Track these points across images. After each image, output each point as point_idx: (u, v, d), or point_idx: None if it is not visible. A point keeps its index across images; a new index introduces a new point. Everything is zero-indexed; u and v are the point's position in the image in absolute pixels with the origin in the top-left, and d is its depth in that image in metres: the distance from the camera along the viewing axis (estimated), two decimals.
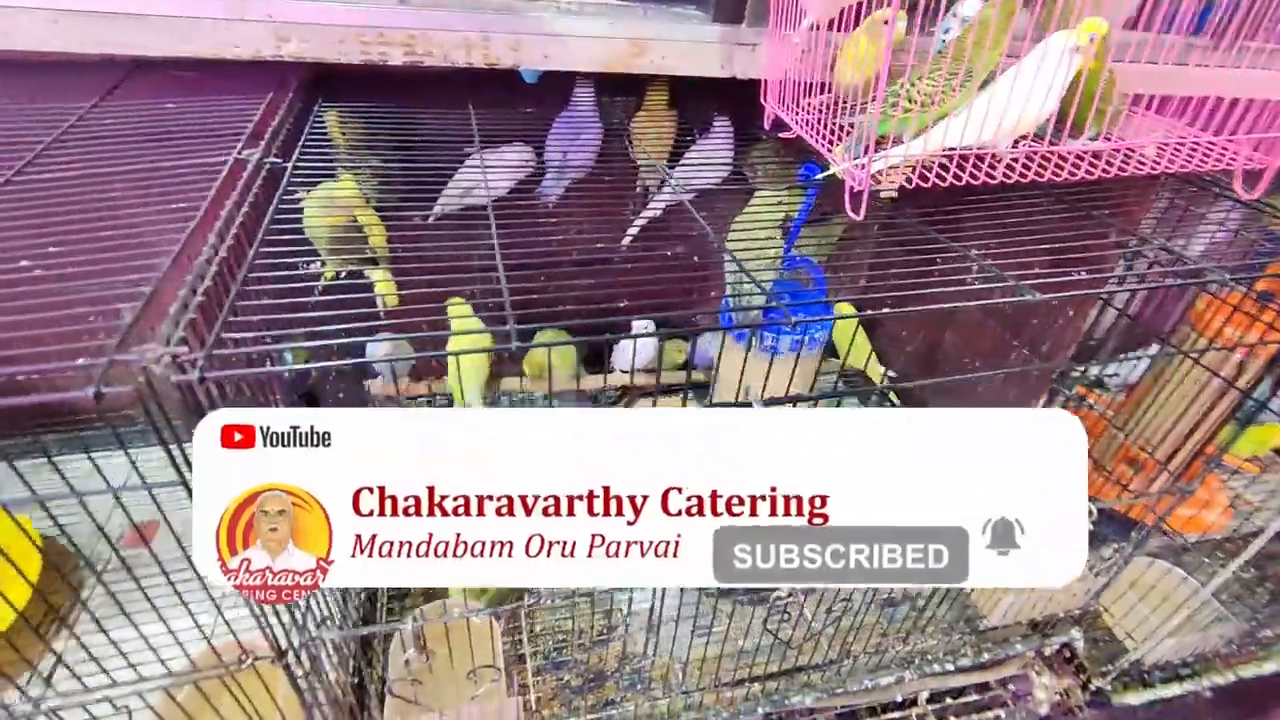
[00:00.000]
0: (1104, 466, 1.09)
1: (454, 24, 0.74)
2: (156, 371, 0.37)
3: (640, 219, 1.11)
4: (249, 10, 0.70)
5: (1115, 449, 1.11)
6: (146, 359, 0.37)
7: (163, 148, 0.65)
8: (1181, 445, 1.04)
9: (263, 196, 0.61)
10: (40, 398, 0.38)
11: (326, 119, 0.87)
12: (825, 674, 0.85)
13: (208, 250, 0.47)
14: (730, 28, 0.80)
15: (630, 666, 0.88)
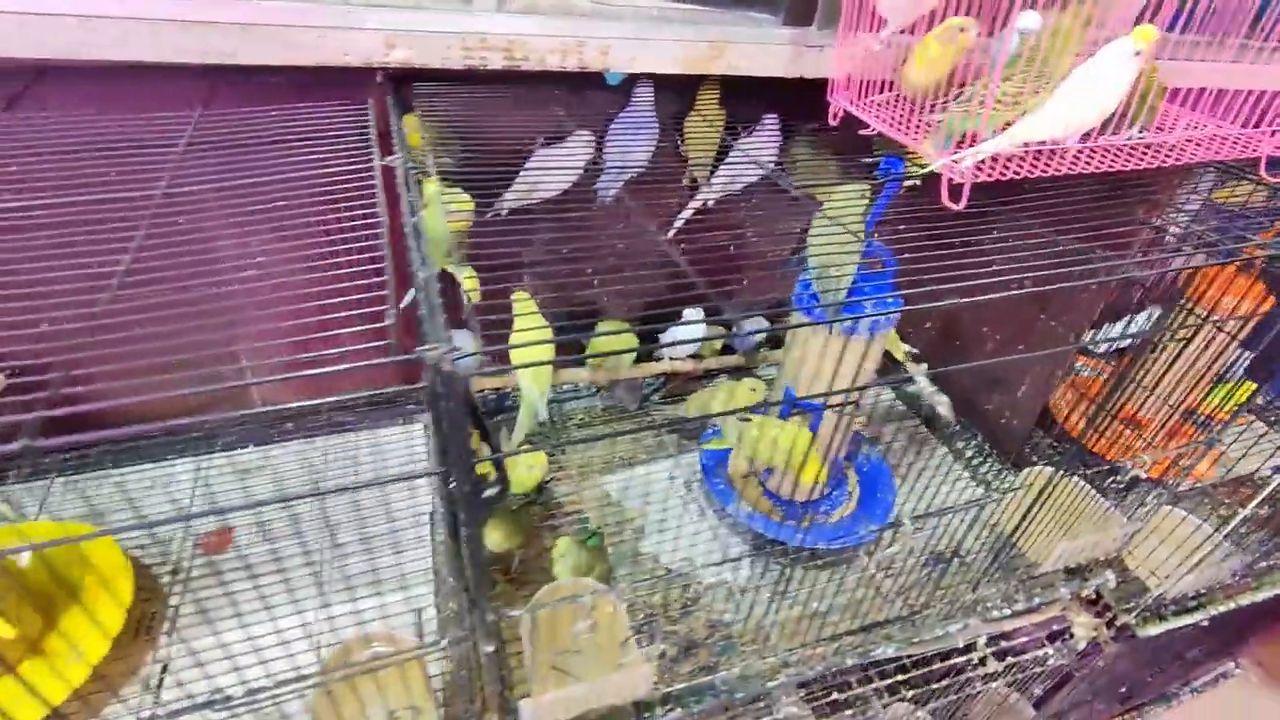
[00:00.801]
0: (1098, 427, 1.20)
1: (552, 30, 0.78)
2: (444, 368, 0.41)
3: (686, 210, 1.16)
4: (364, 20, 0.72)
5: (1111, 410, 1.22)
6: (434, 356, 0.40)
7: (295, 154, 0.66)
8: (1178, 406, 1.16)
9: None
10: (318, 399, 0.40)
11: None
12: (902, 626, 0.92)
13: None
14: (800, 30, 0.86)
15: (719, 634, 0.94)
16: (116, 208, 0.58)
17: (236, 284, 0.47)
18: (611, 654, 0.71)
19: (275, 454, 1.14)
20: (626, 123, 1.02)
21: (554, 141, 1.03)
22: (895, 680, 1.05)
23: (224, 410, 1.06)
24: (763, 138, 1.08)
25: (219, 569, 0.98)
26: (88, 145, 0.66)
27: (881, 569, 1.00)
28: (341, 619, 0.88)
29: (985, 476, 1.21)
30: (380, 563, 0.98)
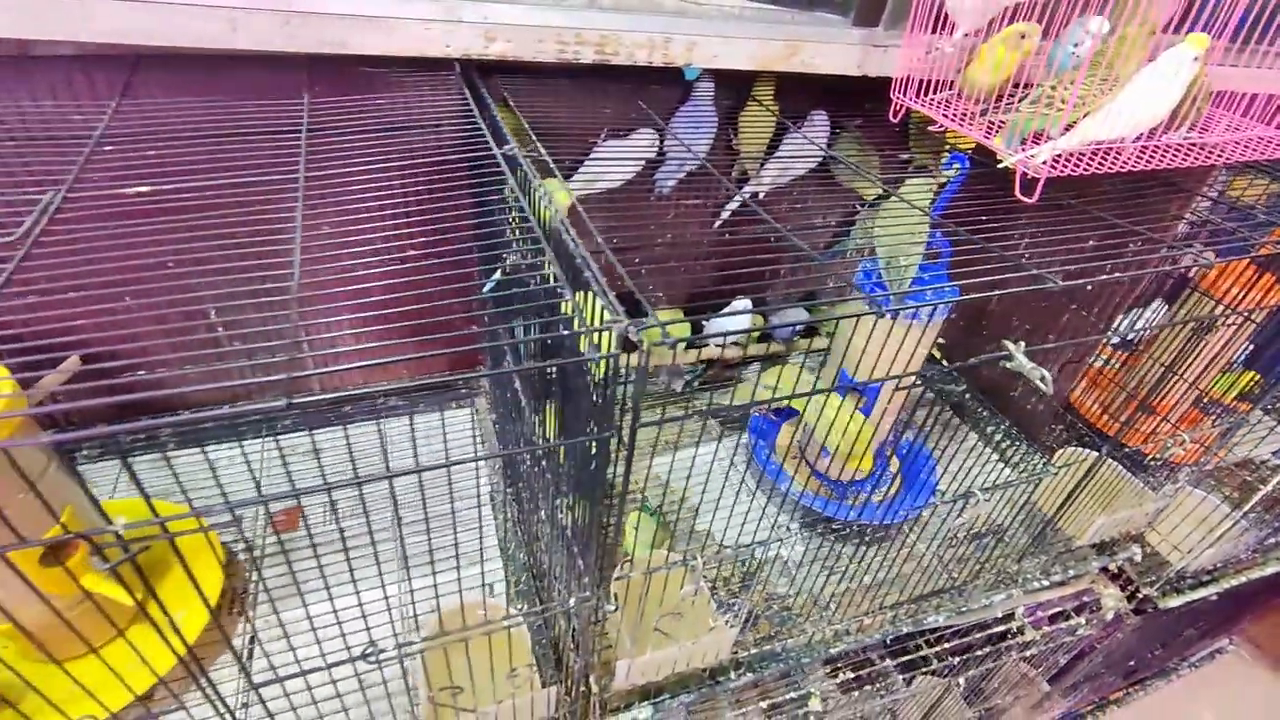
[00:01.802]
0: (1114, 413, 1.27)
1: (642, 26, 0.81)
2: (632, 338, 0.45)
3: (734, 202, 1.21)
4: (465, 13, 0.75)
5: (1126, 397, 1.28)
6: (620, 328, 0.44)
7: (414, 141, 0.70)
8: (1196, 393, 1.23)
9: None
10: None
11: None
12: (951, 596, 0.98)
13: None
14: (868, 31, 0.90)
15: (777, 605, 0.99)
16: (262, 191, 0.61)
17: (359, 268, 0.51)
18: (701, 619, 0.75)
19: (333, 437, 1.16)
20: (688, 117, 1.05)
21: (618, 134, 1.07)
22: (917, 656, 1.12)
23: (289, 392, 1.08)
24: (812, 132, 1.13)
25: (290, 547, 1.01)
26: (214, 131, 0.68)
27: (946, 541, 1.05)
28: (417, 593, 0.91)
29: (1014, 459, 1.27)
30: (446, 541, 1.01)
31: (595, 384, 0.51)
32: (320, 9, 0.71)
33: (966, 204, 0.93)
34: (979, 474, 0.89)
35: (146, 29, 0.67)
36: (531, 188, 0.62)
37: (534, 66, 0.83)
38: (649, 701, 0.84)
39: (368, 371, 1.18)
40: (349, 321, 0.99)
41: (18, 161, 0.62)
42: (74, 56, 0.78)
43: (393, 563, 0.96)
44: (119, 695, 0.74)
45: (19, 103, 0.75)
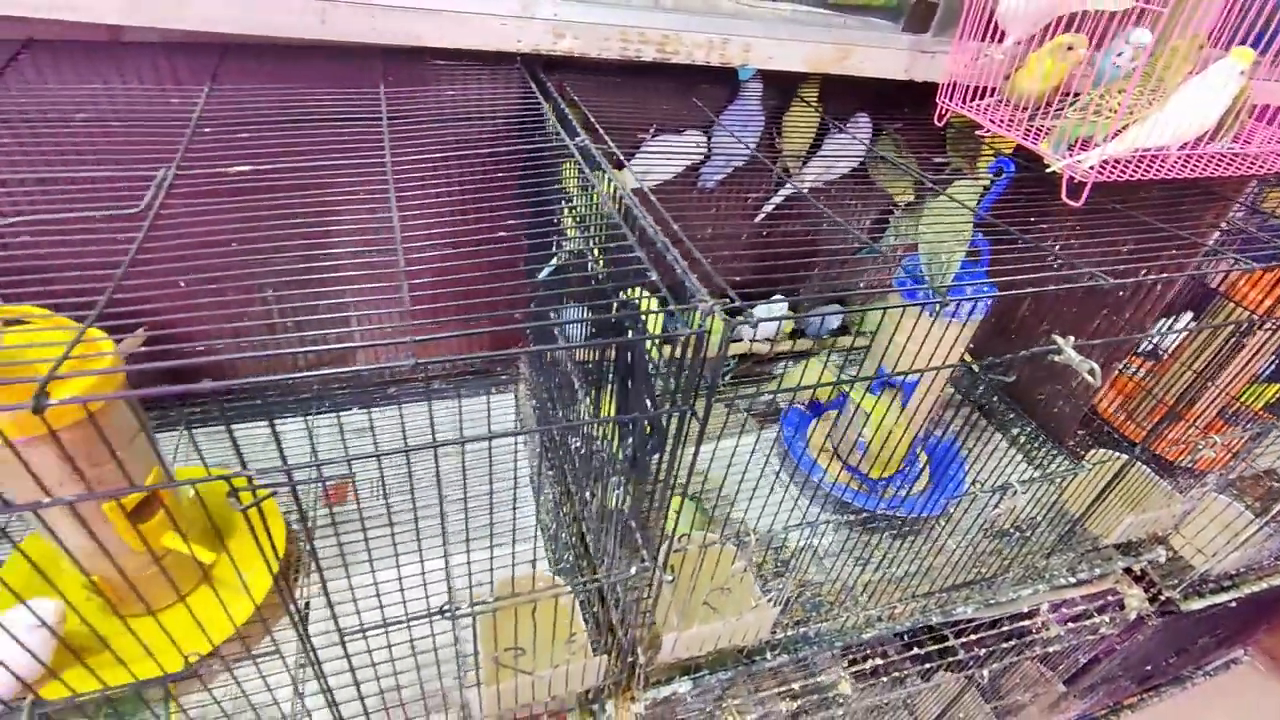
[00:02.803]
0: (1138, 418, 1.29)
1: (702, 27, 0.84)
2: (720, 317, 0.48)
3: (775, 199, 1.24)
4: (538, 9, 0.79)
5: (1153, 405, 1.30)
6: (706, 307, 0.48)
7: (480, 132, 0.73)
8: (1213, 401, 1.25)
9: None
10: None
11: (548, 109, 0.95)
12: (979, 589, 1.01)
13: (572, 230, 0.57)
14: (917, 37, 0.93)
15: (810, 592, 1.02)
16: (352, 176, 0.65)
17: (428, 252, 0.54)
18: (744, 598, 0.78)
19: (380, 415, 1.20)
20: (735, 115, 1.09)
21: (665, 131, 1.10)
22: (931, 650, 1.14)
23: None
24: (853, 134, 1.15)
25: (340, 519, 1.05)
26: (302, 117, 0.72)
27: (979, 533, 1.07)
28: (459, 567, 0.95)
29: (1040, 461, 1.30)
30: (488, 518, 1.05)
31: (659, 365, 0.54)
32: (402, 3, 0.75)
33: (1004, 207, 0.96)
34: (1006, 473, 0.91)
35: (243, 19, 0.71)
36: (606, 179, 0.66)
37: (587, 62, 0.87)
38: (688, 676, 0.87)
39: (422, 352, 1.22)
40: (415, 299, 1.02)
41: (126, 140, 0.66)
42: (161, 44, 0.82)
43: (435, 537, 1.00)
44: (175, 657, 0.77)
45: (113, 86, 0.79)
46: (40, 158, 0.68)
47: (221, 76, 0.80)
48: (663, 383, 0.69)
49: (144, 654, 0.66)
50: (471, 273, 0.53)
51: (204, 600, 0.86)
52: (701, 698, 0.98)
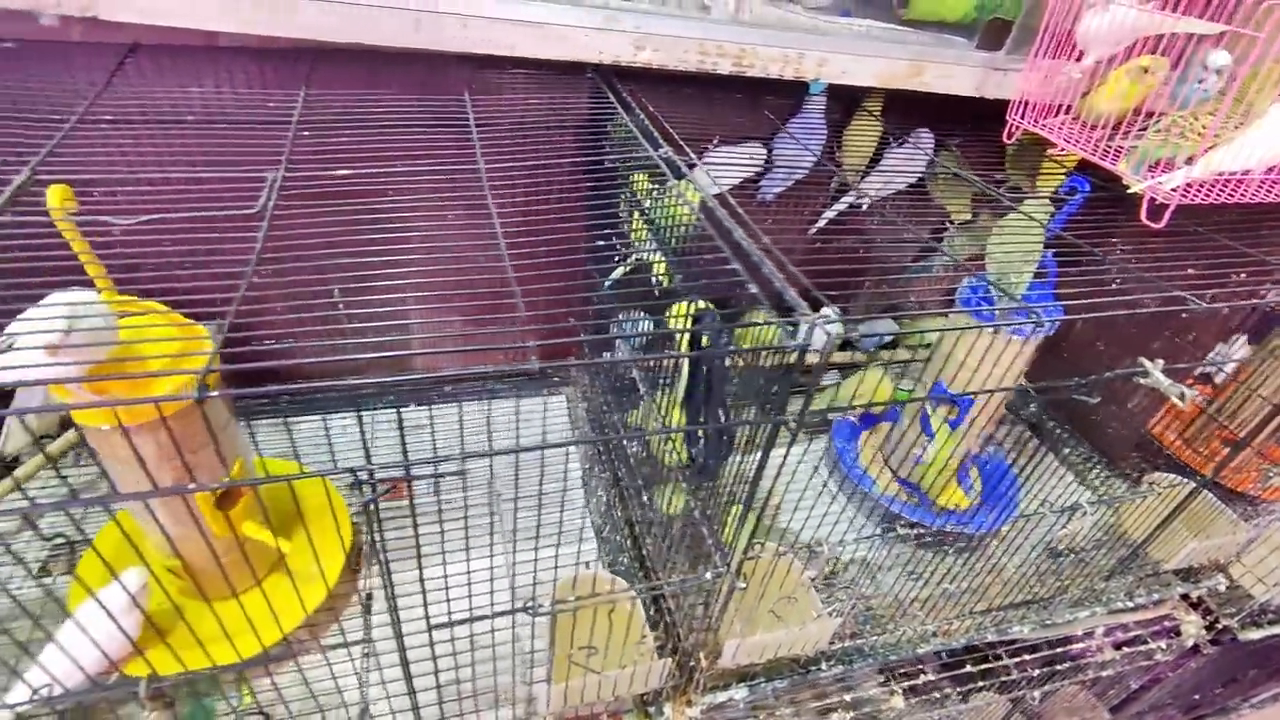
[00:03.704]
0: (1197, 447, 1.27)
1: (779, 41, 0.86)
2: (828, 330, 0.49)
3: (831, 211, 1.24)
4: (621, 22, 0.80)
5: (1211, 430, 1.28)
6: (810, 319, 0.49)
7: (560, 139, 0.75)
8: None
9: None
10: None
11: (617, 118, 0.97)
12: (1036, 609, 1.00)
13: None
14: (991, 55, 0.93)
15: (860, 605, 1.02)
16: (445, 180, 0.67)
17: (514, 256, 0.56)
18: (808, 607, 0.79)
19: (438, 412, 1.22)
20: (798, 128, 1.09)
21: (726, 143, 1.11)
22: (970, 671, 1.13)
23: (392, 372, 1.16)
24: (915, 149, 1.16)
25: (395, 514, 1.07)
26: (396, 121, 0.75)
27: (1039, 553, 1.06)
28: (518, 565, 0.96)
29: (1093, 483, 1.28)
30: (543, 518, 1.06)
31: (739, 372, 0.55)
32: (493, 14, 0.77)
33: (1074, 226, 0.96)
34: (1058, 493, 0.91)
35: (343, 27, 0.74)
36: (693, 190, 0.67)
37: (657, 73, 0.88)
38: (744, 683, 0.87)
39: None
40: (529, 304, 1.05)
41: (233, 142, 0.68)
42: (254, 49, 0.85)
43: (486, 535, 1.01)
44: (252, 642, 0.79)
45: (219, 90, 0.82)
46: (154, 158, 0.72)
47: (314, 81, 0.83)
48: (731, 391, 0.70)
49: (219, 636, 0.69)
50: (551, 280, 0.55)
51: (272, 588, 0.89)
52: (751, 705, 0.98)
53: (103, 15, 0.68)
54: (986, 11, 0.91)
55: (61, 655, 0.68)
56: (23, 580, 0.88)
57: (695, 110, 1.07)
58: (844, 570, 1.07)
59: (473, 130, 0.75)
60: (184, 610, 0.83)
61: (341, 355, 0.42)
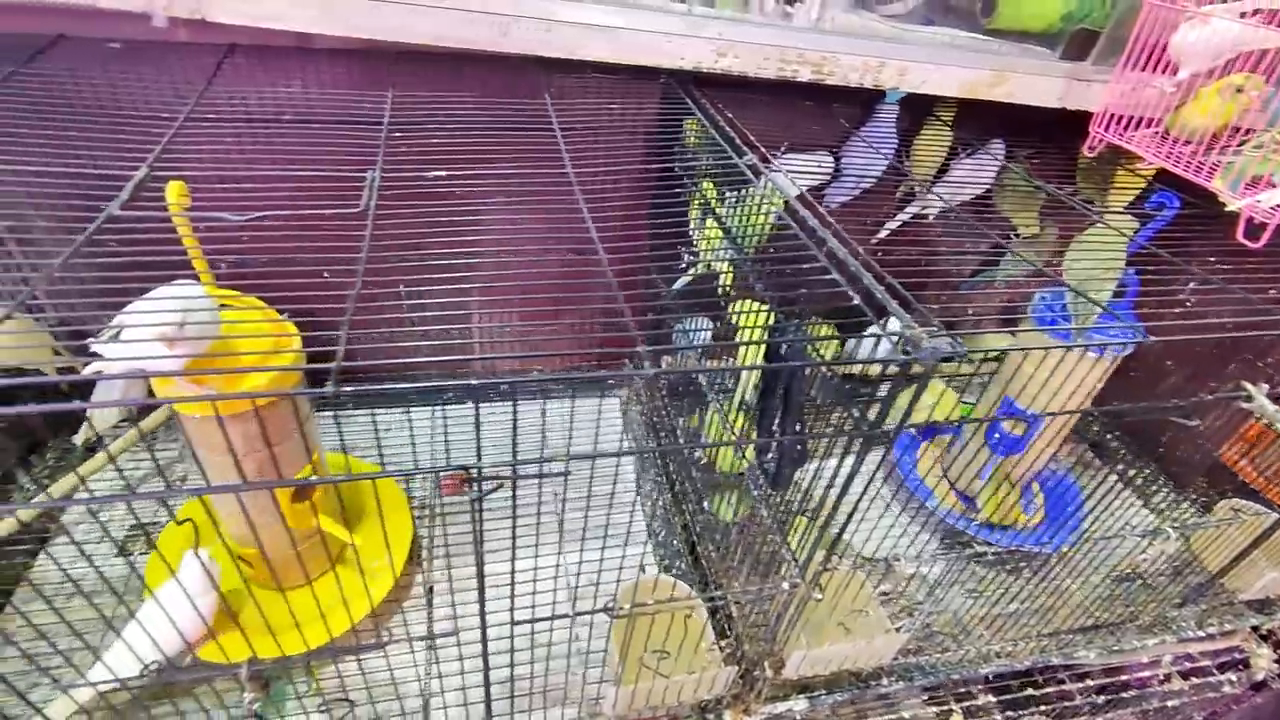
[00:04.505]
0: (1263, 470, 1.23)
1: (860, 49, 0.85)
2: (927, 343, 0.49)
3: (896, 221, 1.23)
4: (705, 29, 0.81)
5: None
6: (915, 334, 0.48)
7: (632, 142, 0.75)
8: None
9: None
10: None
11: (686, 124, 0.97)
12: (1103, 634, 0.97)
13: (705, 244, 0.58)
14: (1075, 65, 0.91)
15: (920, 621, 1.00)
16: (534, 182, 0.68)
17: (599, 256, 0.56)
18: (877, 621, 0.78)
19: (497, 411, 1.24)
20: (868, 137, 1.08)
21: (793, 150, 1.10)
22: (1018, 695, 1.10)
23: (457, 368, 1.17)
24: (984, 160, 1.14)
25: (455, 509, 1.08)
26: (482, 123, 0.76)
27: (1111, 576, 1.03)
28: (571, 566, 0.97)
29: (1159, 507, 1.24)
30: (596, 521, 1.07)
31: (829, 385, 0.55)
32: (579, 19, 0.78)
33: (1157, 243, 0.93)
34: (1122, 516, 0.88)
35: (434, 30, 0.75)
36: (780, 197, 0.67)
37: (732, 79, 0.88)
38: (804, 694, 0.87)
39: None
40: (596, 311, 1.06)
41: (329, 140, 0.70)
42: (341, 50, 0.87)
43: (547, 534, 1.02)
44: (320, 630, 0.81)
45: (309, 89, 0.85)
46: (255, 156, 0.74)
47: (398, 82, 0.84)
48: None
49: (289, 625, 0.70)
50: (635, 285, 0.55)
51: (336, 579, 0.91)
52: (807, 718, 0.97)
53: (210, 18, 0.71)
54: (1073, 21, 0.90)
55: (144, 634, 0.70)
56: (103, 558, 0.92)
57: (764, 116, 1.06)
58: (903, 585, 1.06)
59: (558, 133, 0.75)
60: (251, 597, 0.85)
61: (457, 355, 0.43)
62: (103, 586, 0.84)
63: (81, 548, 0.59)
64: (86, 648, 0.66)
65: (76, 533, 0.94)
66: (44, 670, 0.55)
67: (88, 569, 0.70)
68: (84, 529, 0.96)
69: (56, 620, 0.57)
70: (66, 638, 0.66)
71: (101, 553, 0.92)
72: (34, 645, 0.73)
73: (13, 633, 0.82)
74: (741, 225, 0.81)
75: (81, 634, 0.60)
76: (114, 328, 0.55)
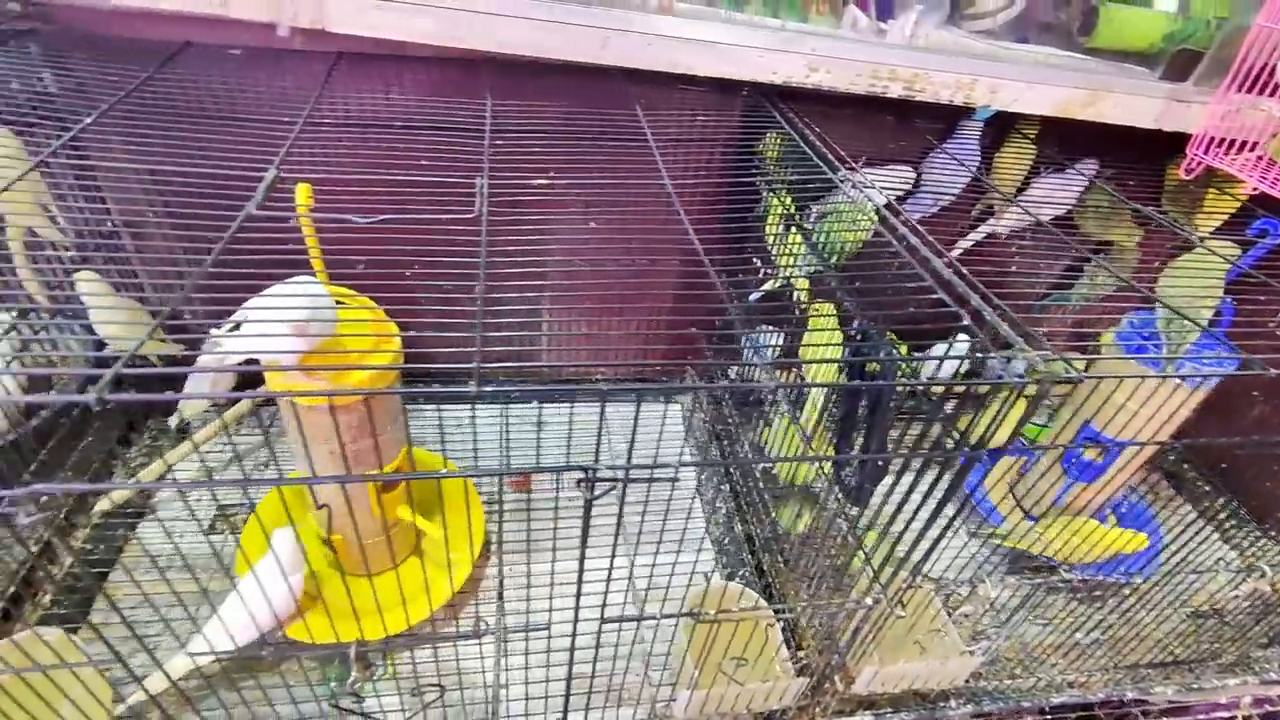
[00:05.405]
0: None
1: (953, 66, 0.85)
2: (1042, 367, 0.49)
3: (972, 238, 1.21)
4: (799, 44, 0.81)
5: None
6: (1031, 357, 0.48)
7: (721, 157, 0.76)
8: None
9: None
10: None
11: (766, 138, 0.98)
12: (1181, 671, 0.94)
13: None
14: (1175, 86, 0.89)
15: (996, 646, 0.99)
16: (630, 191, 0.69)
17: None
18: (953, 642, 0.77)
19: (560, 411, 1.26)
20: (951, 153, 1.07)
21: (873, 164, 1.10)
22: None
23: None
24: (1071, 177, 1.12)
25: (520, 507, 1.11)
26: (577, 131, 0.78)
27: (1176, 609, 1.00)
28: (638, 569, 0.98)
29: (1239, 542, 1.20)
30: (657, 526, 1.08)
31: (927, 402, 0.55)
32: (676, 34, 0.79)
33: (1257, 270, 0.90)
34: (1204, 550, 0.85)
35: (539, 42, 0.77)
36: (876, 213, 0.67)
37: (813, 93, 0.88)
38: (869, 711, 0.86)
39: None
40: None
41: (436, 146, 0.73)
42: (441, 59, 0.90)
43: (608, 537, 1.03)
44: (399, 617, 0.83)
45: (399, 95, 0.88)
46: (366, 160, 0.77)
47: (495, 90, 0.87)
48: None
49: (371, 609, 0.73)
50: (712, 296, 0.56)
51: (413, 569, 0.94)
52: None
53: (330, 28, 0.74)
54: (1176, 41, 0.88)
55: (241, 610, 0.74)
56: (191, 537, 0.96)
57: (845, 130, 1.06)
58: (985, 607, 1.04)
59: (652, 144, 0.77)
60: (331, 581, 0.89)
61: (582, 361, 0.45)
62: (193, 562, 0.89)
63: (168, 527, 0.62)
64: (189, 618, 0.70)
65: (169, 511, 1.00)
66: (139, 639, 0.58)
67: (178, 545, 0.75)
68: (176, 508, 1.01)
69: (158, 592, 0.60)
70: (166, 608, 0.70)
71: (189, 531, 0.97)
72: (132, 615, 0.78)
73: (118, 600, 0.87)
74: (829, 239, 0.82)
75: (185, 605, 0.63)
76: (238, 320, 0.58)
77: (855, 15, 0.85)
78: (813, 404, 1.01)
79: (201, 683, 0.77)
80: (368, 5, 0.73)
